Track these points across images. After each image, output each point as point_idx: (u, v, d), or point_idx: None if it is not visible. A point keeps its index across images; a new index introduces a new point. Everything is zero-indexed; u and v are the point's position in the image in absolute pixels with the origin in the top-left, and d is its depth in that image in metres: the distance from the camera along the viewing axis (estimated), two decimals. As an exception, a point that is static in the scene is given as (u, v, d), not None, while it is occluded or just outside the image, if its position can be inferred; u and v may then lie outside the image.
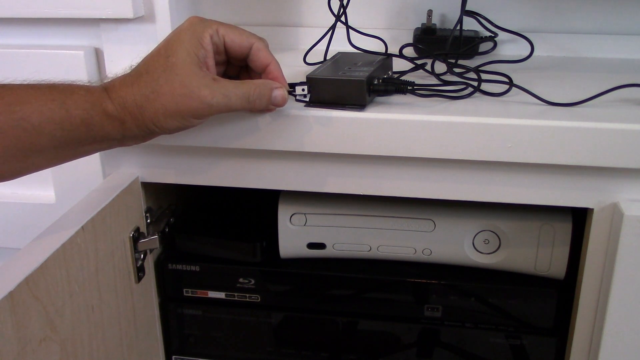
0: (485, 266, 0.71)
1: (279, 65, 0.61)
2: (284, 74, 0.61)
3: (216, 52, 0.58)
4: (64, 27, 0.78)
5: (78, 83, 0.55)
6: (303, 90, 0.62)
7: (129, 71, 0.57)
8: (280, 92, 0.59)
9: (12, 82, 0.53)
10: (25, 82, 0.53)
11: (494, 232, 0.69)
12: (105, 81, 0.56)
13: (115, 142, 0.57)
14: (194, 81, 0.54)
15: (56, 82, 0.54)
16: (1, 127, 0.49)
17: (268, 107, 0.59)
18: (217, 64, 0.59)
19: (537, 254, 0.68)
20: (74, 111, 0.52)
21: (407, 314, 0.72)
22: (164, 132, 0.56)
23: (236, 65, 0.62)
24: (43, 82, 0.54)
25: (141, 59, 0.57)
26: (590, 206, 0.61)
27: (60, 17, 0.74)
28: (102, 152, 0.69)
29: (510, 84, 0.66)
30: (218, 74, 0.59)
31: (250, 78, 0.62)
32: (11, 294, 0.47)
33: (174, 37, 0.56)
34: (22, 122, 0.50)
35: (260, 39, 0.60)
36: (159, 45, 0.57)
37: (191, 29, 0.56)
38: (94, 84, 0.56)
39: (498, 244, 0.69)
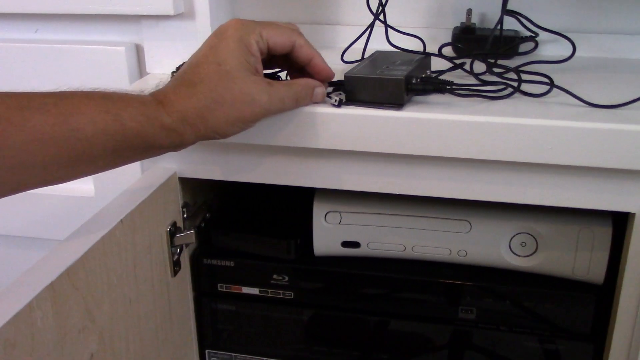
0: (522, 269, 0.70)
1: (321, 56, 0.62)
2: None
3: (262, 51, 0.59)
4: (105, 23, 0.80)
5: (131, 93, 0.55)
6: (334, 99, 0.62)
7: (174, 78, 0.57)
8: (320, 90, 0.61)
9: (68, 90, 0.52)
10: (80, 90, 0.53)
11: (531, 235, 0.68)
12: (155, 91, 0.56)
13: (170, 149, 0.57)
14: (253, 88, 0.55)
15: (109, 90, 0.54)
16: (55, 137, 0.49)
17: (309, 103, 0.61)
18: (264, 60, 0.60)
19: (575, 258, 0.67)
20: (129, 124, 0.52)
21: (441, 315, 0.72)
22: (224, 137, 0.57)
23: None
24: (97, 91, 0.54)
25: (185, 65, 0.57)
26: (631, 210, 0.60)
27: (102, 13, 0.75)
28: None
29: (551, 84, 0.65)
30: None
31: (280, 65, 0.64)
32: (52, 285, 0.48)
33: (221, 44, 0.56)
34: (75, 132, 0.50)
35: (299, 35, 0.61)
36: (203, 50, 0.57)
37: (237, 36, 0.56)
38: (146, 94, 0.56)
39: (535, 247, 0.69)
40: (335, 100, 0.62)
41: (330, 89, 0.65)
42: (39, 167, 0.49)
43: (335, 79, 0.65)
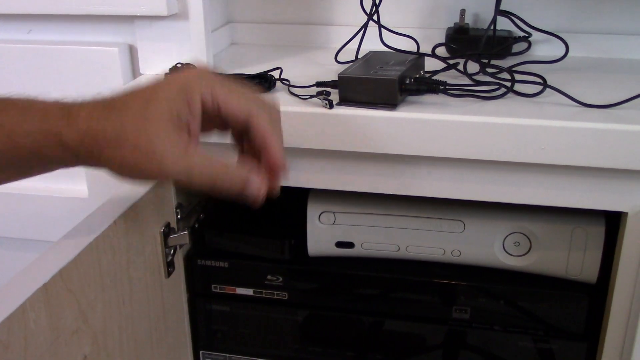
0: (515, 269, 0.70)
1: (279, 144, 0.52)
2: (314, 72, 0.60)
3: (212, 115, 0.50)
4: (99, 23, 0.80)
5: (39, 100, 0.49)
6: (323, 102, 0.62)
7: (106, 96, 0.50)
8: (254, 188, 0.51)
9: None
10: (4, 97, 0.49)
11: (524, 235, 0.68)
12: (75, 102, 0.49)
13: (71, 165, 0.51)
14: (164, 145, 0.47)
15: (14, 97, 0.49)
16: None
17: (240, 195, 0.51)
18: (216, 125, 0.53)
19: (568, 258, 0.67)
20: (21, 141, 0.47)
21: (435, 315, 0.72)
22: (118, 178, 0.50)
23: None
24: (14, 99, 0.48)
25: (127, 87, 0.51)
26: (624, 210, 0.60)
27: (95, 14, 0.75)
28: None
29: (544, 84, 0.65)
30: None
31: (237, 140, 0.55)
32: (45, 286, 0.48)
33: (164, 86, 0.49)
34: None
35: (260, 110, 0.51)
36: (147, 84, 0.50)
37: (183, 84, 0.49)
38: (62, 102, 0.49)
39: (529, 247, 0.69)
40: (325, 104, 0.62)
41: (319, 89, 0.64)
42: None
43: (329, 79, 0.65)
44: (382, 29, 0.77)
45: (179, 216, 0.71)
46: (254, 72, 0.69)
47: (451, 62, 0.72)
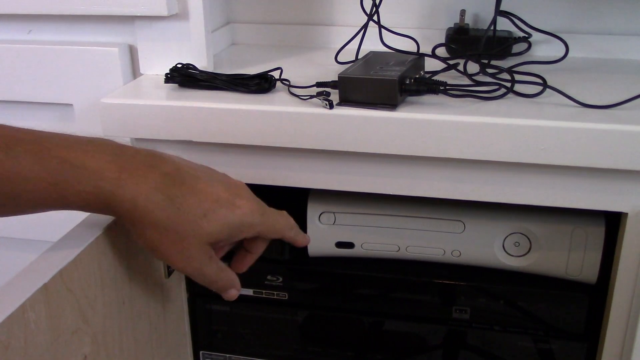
0: (515, 269, 0.70)
1: (302, 238, 0.62)
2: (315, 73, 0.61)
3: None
4: (99, 24, 0.79)
5: (92, 154, 0.50)
6: (323, 102, 0.62)
7: (174, 165, 0.52)
8: (232, 294, 0.58)
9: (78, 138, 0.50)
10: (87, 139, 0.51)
11: (524, 235, 0.68)
12: (132, 161, 0.51)
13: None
14: (193, 254, 0.53)
15: (65, 144, 0.50)
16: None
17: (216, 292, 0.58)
18: None
19: (568, 258, 0.68)
20: (72, 199, 0.49)
21: (435, 315, 0.72)
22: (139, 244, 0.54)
23: None
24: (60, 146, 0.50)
25: (192, 172, 0.53)
26: (624, 210, 0.60)
27: (95, 14, 0.75)
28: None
29: (544, 85, 0.65)
30: None
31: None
32: (46, 286, 0.48)
33: (224, 210, 0.53)
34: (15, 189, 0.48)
35: (289, 226, 0.59)
36: (213, 188, 0.53)
37: (241, 223, 0.54)
38: (117, 159, 0.50)
39: (529, 247, 0.69)
40: (325, 104, 0.62)
41: (319, 89, 0.65)
42: None
43: (329, 79, 0.65)
44: (382, 29, 0.77)
45: (179, 216, 0.71)
46: (254, 73, 0.69)
47: (451, 62, 0.72)
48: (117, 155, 0.50)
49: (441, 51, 0.79)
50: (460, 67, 0.71)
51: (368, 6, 0.76)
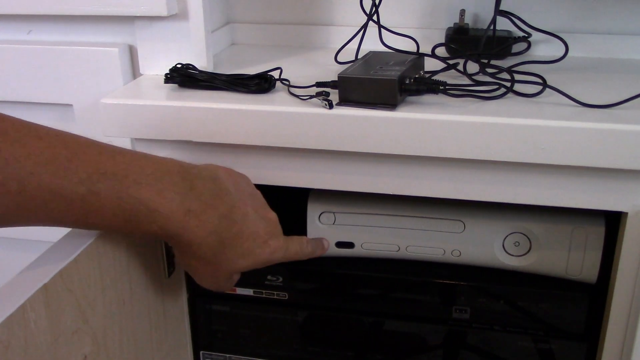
0: (515, 269, 0.70)
1: (320, 246, 0.70)
2: (314, 73, 0.61)
3: None
4: (98, 24, 0.79)
5: (126, 191, 0.52)
6: (323, 103, 0.62)
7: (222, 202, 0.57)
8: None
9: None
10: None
11: (524, 235, 0.68)
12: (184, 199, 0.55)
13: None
14: (221, 279, 0.62)
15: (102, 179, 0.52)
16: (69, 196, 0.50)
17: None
18: None
19: (568, 258, 0.68)
20: (135, 233, 0.55)
21: (435, 315, 0.72)
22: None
23: None
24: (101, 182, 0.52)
25: (238, 213, 0.58)
26: (624, 210, 0.60)
27: (95, 14, 0.75)
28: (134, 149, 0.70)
29: (544, 84, 0.65)
30: None
31: None
32: (45, 286, 0.48)
33: (259, 251, 0.60)
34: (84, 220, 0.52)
35: (306, 247, 0.67)
36: (257, 229, 0.60)
37: (268, 259, 0.61)
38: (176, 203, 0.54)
39: (529, 247, 0.69)
40: (325, 104, 0.62)
41: (319, 89, 0.65)
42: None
43: (329, 79, 0.65)
44: (382, 29, 0.77)
45: (179, 216, 0.71)
46: (253, 73, 0.69)
47: (451, 62, 0.72)
48: (185, 194, 0.55)
49: (441, 51, 0.79)
50: (460, 67, 0.71)
51: (368, 6, 0.76)
